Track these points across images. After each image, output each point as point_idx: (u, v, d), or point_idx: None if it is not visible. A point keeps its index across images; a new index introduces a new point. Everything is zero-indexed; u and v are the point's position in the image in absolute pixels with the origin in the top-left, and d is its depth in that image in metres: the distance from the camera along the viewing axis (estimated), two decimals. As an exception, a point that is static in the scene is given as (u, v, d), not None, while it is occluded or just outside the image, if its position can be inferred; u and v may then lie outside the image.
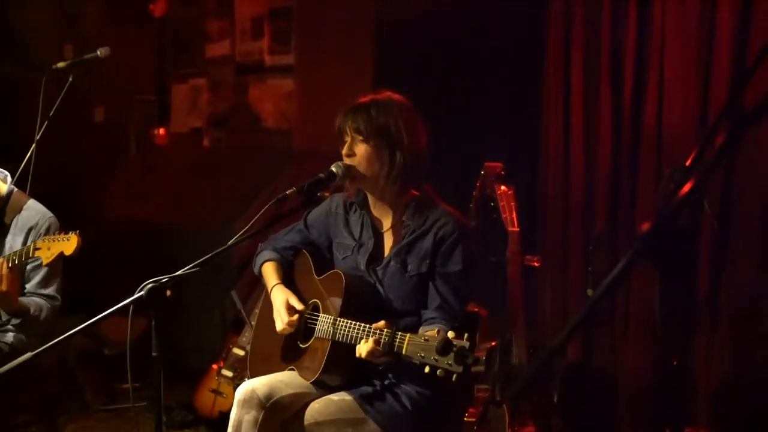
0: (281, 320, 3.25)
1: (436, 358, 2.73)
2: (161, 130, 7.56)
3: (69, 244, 3.40)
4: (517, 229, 4.00)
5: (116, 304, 2.65)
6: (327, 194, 3.36)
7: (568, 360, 4.49)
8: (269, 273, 3.45)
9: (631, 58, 4.55)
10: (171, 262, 3.46)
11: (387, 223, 3.30)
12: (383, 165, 3.15)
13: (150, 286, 2.60)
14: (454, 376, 2.72)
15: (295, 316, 3.24)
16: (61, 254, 3.41)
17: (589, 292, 4.20)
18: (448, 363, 2.71)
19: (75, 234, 3.40)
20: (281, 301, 3.29)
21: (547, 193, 4.94)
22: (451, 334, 2.73)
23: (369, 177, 3.18)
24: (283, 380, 3.24)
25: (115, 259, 6.70)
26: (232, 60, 6.93)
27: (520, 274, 4.03)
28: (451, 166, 5.16)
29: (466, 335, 2.74)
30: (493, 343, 4.06)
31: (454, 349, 2.70)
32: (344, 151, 3.18)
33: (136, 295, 2.61)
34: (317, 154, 5.85)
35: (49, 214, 3.89)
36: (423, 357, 2.77)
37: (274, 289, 3.38)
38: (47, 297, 3.81)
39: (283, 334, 3.32)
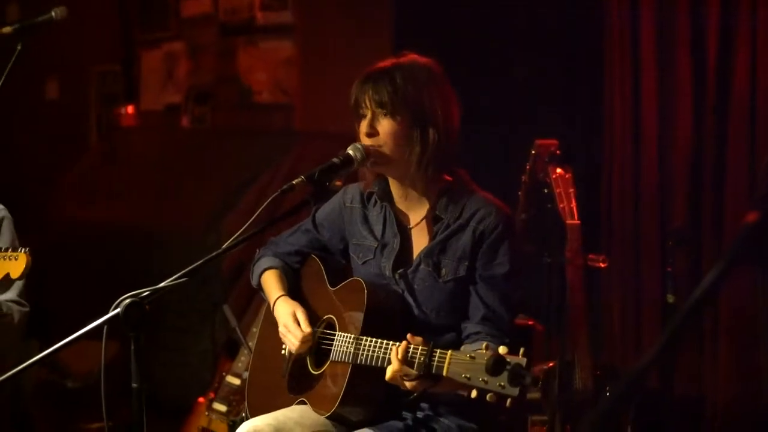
0: (293, 337, 3.26)
1: (486, 379, 2.72)
2: (129, 109, 7.58)
3: (16, 264, 3.39)
4: (577, 222, 4.00)
5: (79, 326, 2.65)
6: (339, 183, 3.37)
7: (644, 386, 4.48)
8: (271, 284, 3.45)
9: (716, 14, 4.55)
10: (144, 273, 3.47)
11: (415, 217, 3.30)
12: (414, 145, 3.15)
13: (128, 301, 2.61)
14: (509, 400, 2.71)
15: (309, 330, 3.25)
16: (7, 276, 3.41)
17: (670, 298, 4.20)
18: (500, 385, 2.70)
19: (24, 252, 3.39)
20: (287, 313, 3.31)
21: (613, 177, 4.94)
22: (503, 350, 2.73)
23: (396, 161, 3.18)
24: (293, 416, 3.24)
25: (75, 270, 6.73)
26: (216, 19, 6.95)
27: (582, 278, 4.03)
28: (492, 146, 5.18)
29: (522, 350, 2.75)
30: (551, 364, 4.07)
31: (508, 367, 2.69)
32: (364, 130, 3.17)
33: (111, 314, 2.61)
34: (324, 134, 5.87)
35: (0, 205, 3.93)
36: (469, 378, 2.76)
37: (277, 301, 3.38)
38: (12, 302, 3.85)
39: (291, 358, 3.35)
